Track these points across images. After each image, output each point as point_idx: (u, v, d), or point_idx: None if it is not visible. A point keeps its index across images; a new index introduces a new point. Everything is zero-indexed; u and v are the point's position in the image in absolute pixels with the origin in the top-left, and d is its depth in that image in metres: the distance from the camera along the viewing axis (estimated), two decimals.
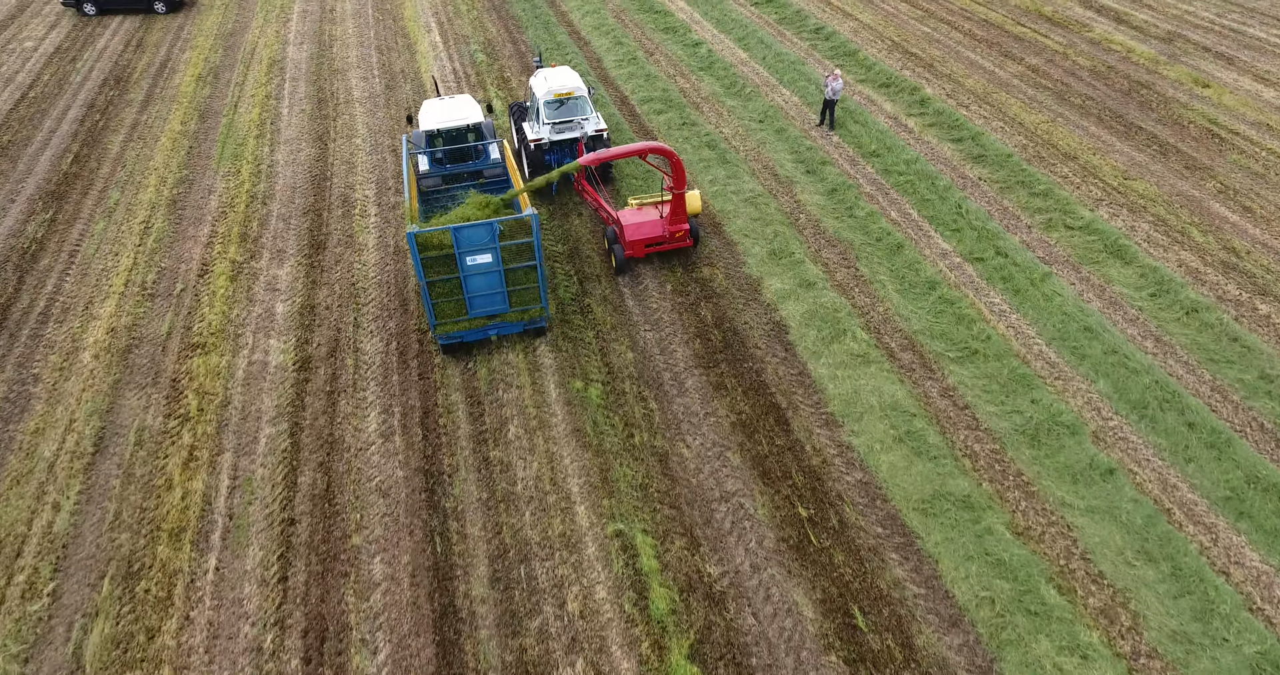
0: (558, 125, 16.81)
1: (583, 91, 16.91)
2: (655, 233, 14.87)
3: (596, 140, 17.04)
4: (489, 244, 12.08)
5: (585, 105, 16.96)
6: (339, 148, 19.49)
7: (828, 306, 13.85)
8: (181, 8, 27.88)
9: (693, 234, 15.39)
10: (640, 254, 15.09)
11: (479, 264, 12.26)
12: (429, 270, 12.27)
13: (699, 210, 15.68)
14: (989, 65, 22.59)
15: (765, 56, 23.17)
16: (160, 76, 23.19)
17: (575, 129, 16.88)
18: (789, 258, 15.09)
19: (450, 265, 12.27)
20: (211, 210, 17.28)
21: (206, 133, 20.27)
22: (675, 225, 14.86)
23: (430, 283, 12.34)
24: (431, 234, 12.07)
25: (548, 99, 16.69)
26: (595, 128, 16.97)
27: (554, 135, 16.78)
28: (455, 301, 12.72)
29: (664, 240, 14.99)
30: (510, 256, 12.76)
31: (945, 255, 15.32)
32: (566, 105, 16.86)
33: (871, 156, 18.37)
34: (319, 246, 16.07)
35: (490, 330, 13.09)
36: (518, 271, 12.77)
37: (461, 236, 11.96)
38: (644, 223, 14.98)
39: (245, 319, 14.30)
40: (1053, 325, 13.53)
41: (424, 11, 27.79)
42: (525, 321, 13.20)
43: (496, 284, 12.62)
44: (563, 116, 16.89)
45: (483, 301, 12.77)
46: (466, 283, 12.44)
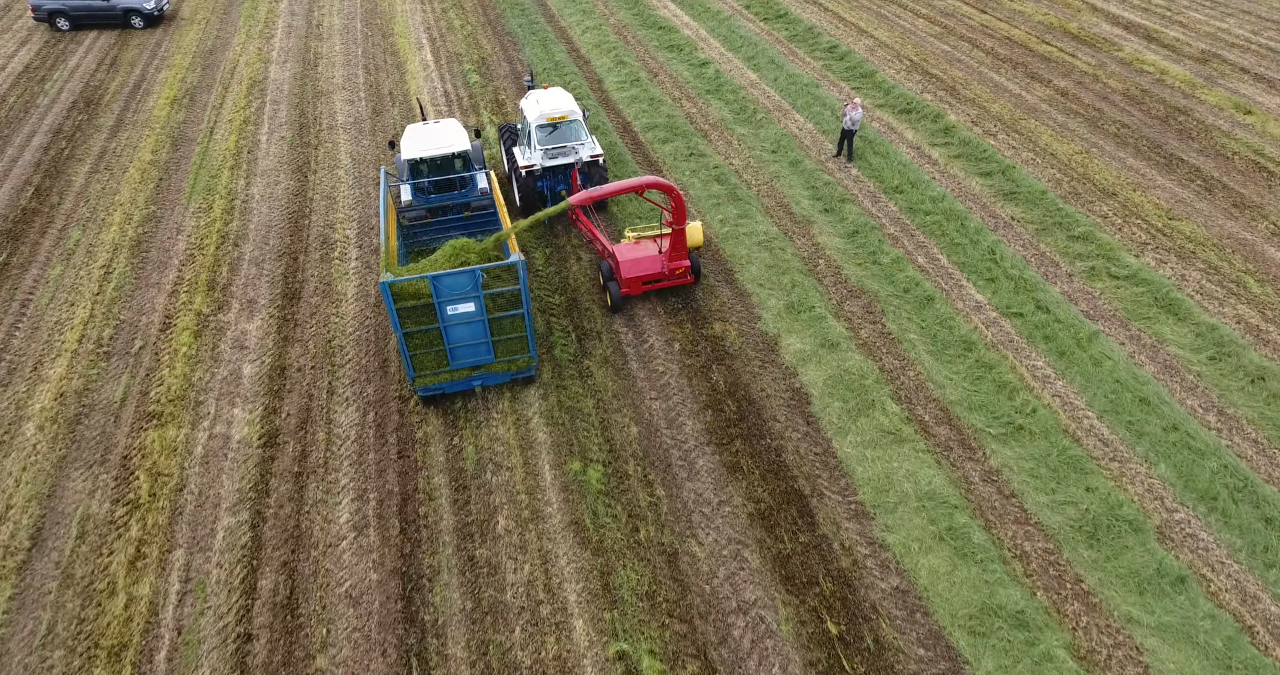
0: (550, 150, 15.76)
1: (577, 115, 15.89)
2: (653, 269, 13.84)
3: (592, 166, 15.96)
4: (471, 292, 11.04)
5: (579, 129, 15.95)
6: (320, 180, 18.13)
7: (853, 371, 12.49)
8: (160, 23, 26.52)
9: (694, 270, 14.36)
10: (637, 291, 14.04)
11: (461, 313, 11.23)
12: (406, 320, 11.21)
13: (700, 243, 14.66)
14: (1015, 88, 21.23)
15: (776, 78, 21.80)
16: (133, 99, 21.82)
17: (569, 154, 15.83)
18: (808, 312, 13.73)
19: (429, 315, 11.23)
20: (179, 252, 15.92)
21: (178, 163, 18.90)
22: (675, 262, 13.83)
23: (408, 333, 11.31)
24: (408, 283, 10.98)
25: (539, 123, 15.68)
26: (590, 153, 15.92)
27: (546, 161, 15.74)
28: (435, 353, 11.68)
29: (663, 277, 13.97)
30: (495, 305, 11.65)
31: (979, 309, 13.96)
32: (559, 129, 15.85)
33: (894, 193, 17.00)
34: (294, 296, 14.71)
35: (474, 381, 12.09)
36: (504, 320, 11.71)
37: (441, 285, 10.93)
38: (641, 258, 13.95)
39: (208, 383, 12.95)
40: (1104, 395, 12.17)
41: (415, 26, 26.41)
42: (513, 371, 12.19)
43: (480, 334, 11.59)
44: (555, 141, 15.88)
45: (466, 352, 11.76)
46: (447, 333, 11.43)
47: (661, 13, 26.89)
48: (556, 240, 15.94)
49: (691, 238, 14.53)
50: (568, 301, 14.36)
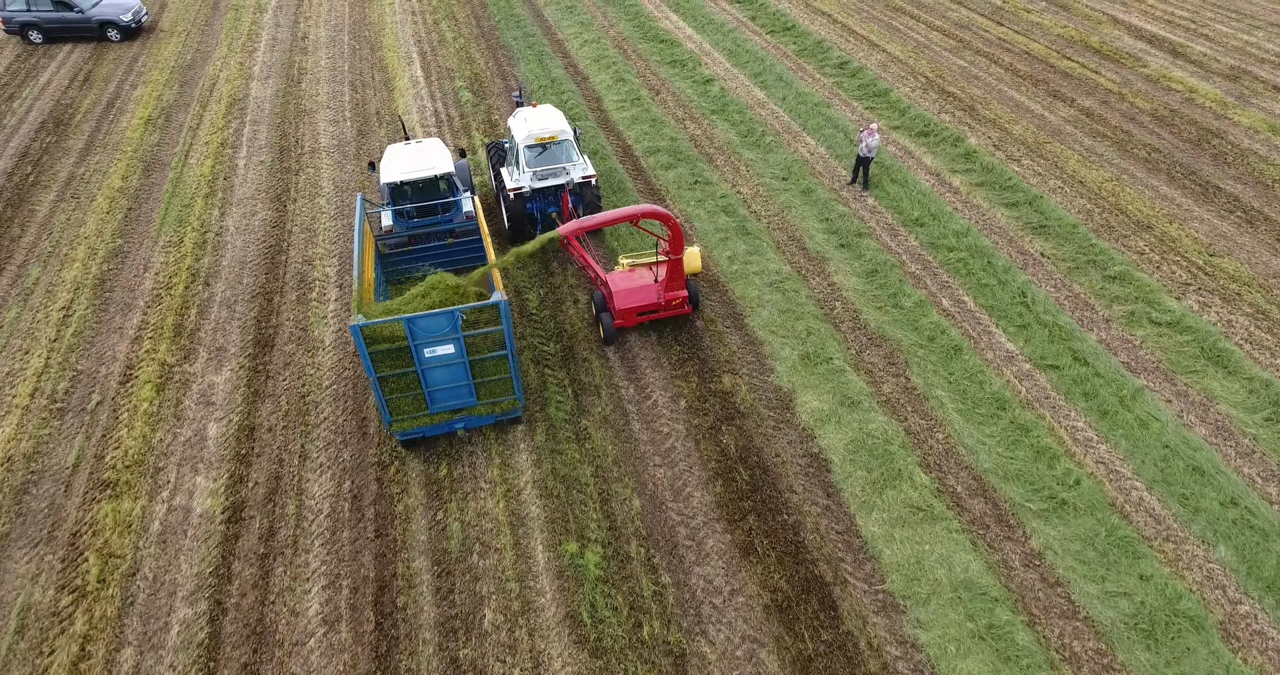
0: (540, 172, 14.90)
1: (567, 134, 15.02)
2: (649, 300, 13.05)
3: (584, 188, 15.08)
4: (451, 334, 10.29)
5: (570, 149, 15.10)
6: (300, 210, 16.99)
7: (876, 435, 11.38)
8: (138, 35, 25.34)
9: (692, 299, 13.57)
10: (631, 323, 13.26)
11: (440, 356, 10.48)
12: (381, 364, 10.41)
13: (699, 269, 13.85)
14: (1037, 108, 20.11)
15: (786, 97, 20.67)
16: (105, 118, 20.67)
17: (560, 176, 14.96)
18: (826, 364, 12.62)
19: (405, 358, 10.46)
20: (144, 293, 14.79)
21: (150, 190, 17.76)
22: (671, 292, 13.06)
23: (383, 378, 10.54)
24: (382, 325, 10.16)
25: (528, 143, 14.84)
26: (582, 174, 15.04)
27: (536, 183, 14.87)
28: (413, 396, 10.90)
29: (659, 308, 13.19)
30: (477, 346, 10.81)
31: (1012, 360, 12.86)
32: (549, 150, 14.98)
33: (915, 225, 15.88)
34: (266, 343, 13.58)
35: (456, 424, 11.36)
36: (487, 362, 10.91)
37: (417, 327, 10.15)
38: (636, 288, 13.12)
39: (170, 446, 11.82)
40: (1152, 463, 11.07)
41: (405, 39, 25.25)
42: (497, 414, 11.41)
43: (462, 376, 10.85)
44: (545, 163, 15.01)
45: (446, 395, 11.01)
46: (425, 376, 10.68)
47: (663, 24, 25.76)
48: (551, 279, 14.82)
49: (690, 265, 13.68)
50: (563, 350, 13.24)
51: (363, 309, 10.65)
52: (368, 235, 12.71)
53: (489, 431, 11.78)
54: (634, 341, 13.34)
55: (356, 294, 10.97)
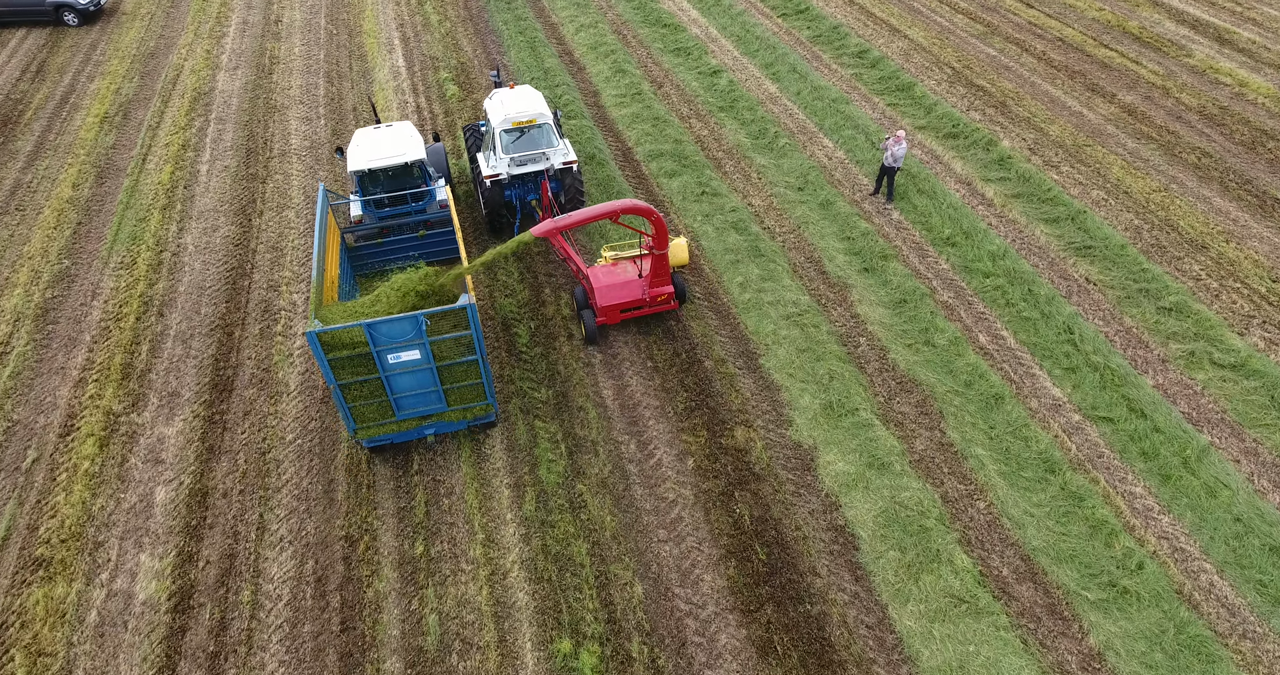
0: (518, 158, 14.05)
1: (546, 118, 14.06)
2: (632, 296, 12.46)
3: (565, 174, 14.25)
4: (415, 340, 9.75)
5: (550, 133, 14.21)
6: (266, 224, 15.43)
7: (910, 505, 10.05)
8: (97, 19, 23.37)
9: (679, 294, 13.04)
10: (615, 321, 12.63)
11: (405, 362, 9.92)
12: (342, 371, 9.82)
13: (686, 261, 13.23)
14: (1075, 104, 18.40)
15: (800, 91, 18.92)
16: (58, 116, 18.93)
17: (539, 162, 14.14)
18: (851, 416, 11.23)
19: (368, 364, 9.87)
20: (91, 325, 13.33)
21: (103, 201, 16.16)
22: (656, 289, 12.49)
23: (344, 385, 9.95)
24: (341, 332, 9.51)
25: (505, 127, 13.93)
26: (563, 160, 14.21)
27: (513, 169, 14.03)
28: (379, 403, 10.32)
29: (643, 305, 12.59)
30: (445, 351, 10.19)
31: (1059, 409, 11.48)
32: (528, 134, 14.10)
33: (945, 245, 14.36)
34: (224, 387, 12.18)
35: (426, 430, 10.84)
36: (455, 368, 10.37)
37: (378, 333, 9.57)
38: (619, 284, 12.55)
39: (112, 514, 10.49)
40: (1223, 540, 9.77)
41: (386, 22, 23.31)
42: (469, 420, 10.95)
43: (429, 382, 10.30)
44: (523, 148, 14.13)
45: (413, 401, 10.50)
46: (390, 382, 10.13)
47: (666, 6, 23.79)
48: (543, 309, 13.34)
49: (676, 257, 13.06)
50: (556, 397, 11.84)
51: (321, 313, 9.95)
52: (332, 230, 11.93)
53: (471, 500, 10.45)
54: (636, 386, 11.94)
55: (314, 296, 10.12)
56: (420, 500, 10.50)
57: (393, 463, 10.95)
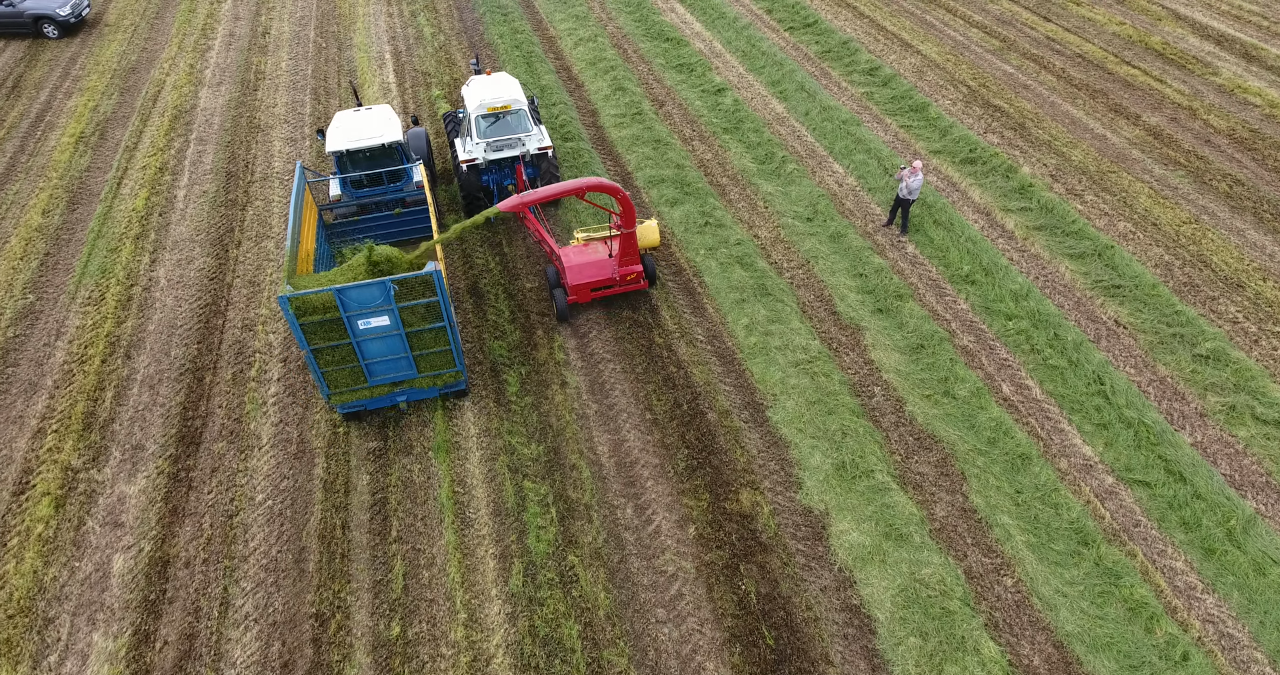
0: (494, 143, 14.50)
1: (521, 104, 14.55)
2: (603, 275, 12.82)
3: (540, 159, 14.73)
4: (384, 305, 10.09)
5: (525, 119, 14.65)
6: (244, 256, 14.60)
7: (931, 583, 9.21)
8: (78, 31, 22.54)
9: (648, 274, 13.30)
10: (585, 299, 12.95)
11: (375, 328, 10.28)
12: (314, 336, 10.13)
13: (656, 243, 13.62)
14: (1097, 126, 17.51)
15: (808, 112, 18.06)
16: (32, 135, 18.11)
17: (515, 147, 14.59)
18: (866, 478, 10.39)
19: (340, 330, 10.20)
20: (54, 367, 12.52)
21: (73, 229, 15.34)
22: (626, 267, 12.81)
23: (316, 350, 10.28)
24: (312, 296, 9.79)
25: (480, 113, 14.39)
26: (538, 145, 14.67)
27: (490, 154, 14.48)
28: (351, 369, 10.68)
29: (614, 284, 12.90)
30: (414, 318, 10.45)
31: (1091, 470, 10.62)
32: (503, 120, 14.54)
33: (964, 283, 13.50)
34: (192, 440, 11.35)
35: (398, 397, 11.30)
36: (424, 334, 10.67)
37: (348, 298, 9.90)
38: (589, 263, 12.89)
39: (65, 586, 9.67)
40: (1273, 625, 8.90)
41: (378, 35, 22.47)
42: (440, 386, 11.35)
43: (399, 348, 10.66)
44: (499, 133, 14.56)
45: (384, 367, 10.85)
46: (361, 348, 10.47)
47: (668, 18, 22.93)
48: (535, 353, 12.49)
49: (647, 238, 13.47)
50: (548, 454, 10.99)
51: (293, 281, 10.24)
52: (310, 206, 12.41)
53: (454, 573, 9.62)
54: (633, 441, 11.10)
55: (288, 264, 10.56)
56: (399, 572, 9.68)
57: (369, 529, 10.13)
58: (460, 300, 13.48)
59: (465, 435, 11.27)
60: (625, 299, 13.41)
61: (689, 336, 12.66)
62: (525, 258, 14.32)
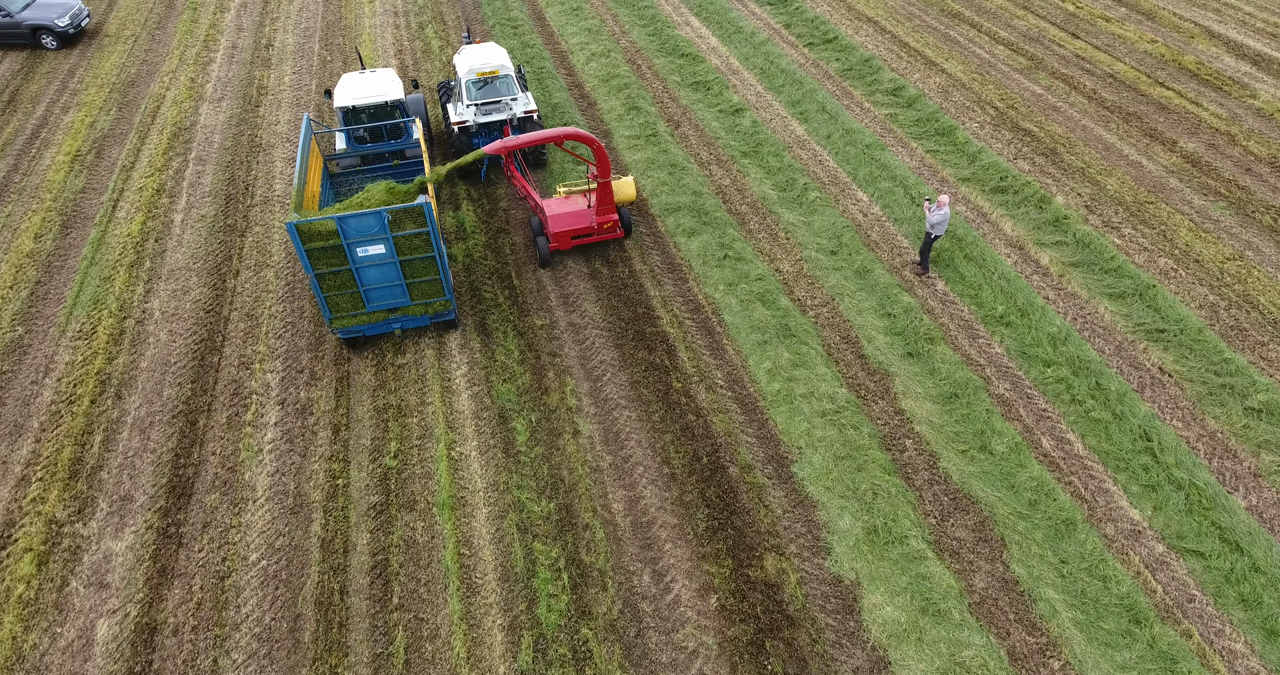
0: (483, 106, 15.68)
1: (509, 70, 15.75)
2: (582, 224, 13.91)
3: (526, 122, 15.86)
4: (380, 234, 11.17)
5: (512, 84, 15.78)
6: (243, 287, 14.00)
7: (972, 667, 8.53)
8: (78, 42, 21.95)
9: (624, 224, 14.41)
10: (566, 247, 14.06)
11: (372, 255, 11.37)
12: (318, 262, 11.22)
13: (632, 198, 14.66)
14: (1132, 152, 16.79)
15: (830, 134, 17.36)
16: (26, 153, 17.53)
17: (503, 110, 15.72)
18: (899, 544, 9.72)
19: (341, 257, 11.29)
20: (41, 408, 11.92)
21: (65, 255, 14.76)
22: (603, 216, 13.90)
23: (320, 275, 11.36)
24: (315, 223, 10.81)
25: (470, 78, 15.53)
26: (525, 109, 15.79)
27: (479, 117, 15.61)
28: (351, 295, 11.79)
29: (592, 232, 14.02)
30: (406, 247, 11.51)
31: (1139, 537, 9.93)
32: (491, 85, 15.68)
33: (998, 324, 12.81)
34: (183, 491, 10.75)
35: (393, 324, 12.37)
36: (417, 263, 11.74)
37: (348, 226, 10.98)
38: (570, 213, 13.97)
39: (45, 656, 9.07)
40: None
41: (384, 49, 21.84)
42: (430, 315, 12.41)
43: (394, 276, 11.76)
44: (488, 97, 15.70)
45: (380, 294, 11.96)
46: (360, 275, 11.59)
47: (683, 32, 22.24)
48: (546, 398, 11.82)
49: (623, 192, 14.46)
50: (559, 512, 10.34)
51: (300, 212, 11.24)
52: (315, 154, 13.40)
53: (459, 647, 8.98)
54: (650, 498, 10.44)
55: (295, 197, 11.65)
56: (400, 645, 9.06)
57: (369, 595, 9.51)
58: (467, 337, 12.86)
59: (471, 489, 10.64)
60: (641, 338, 12.76)
61: (708, 381, 12.01)
62: (535, 292, 13.69)
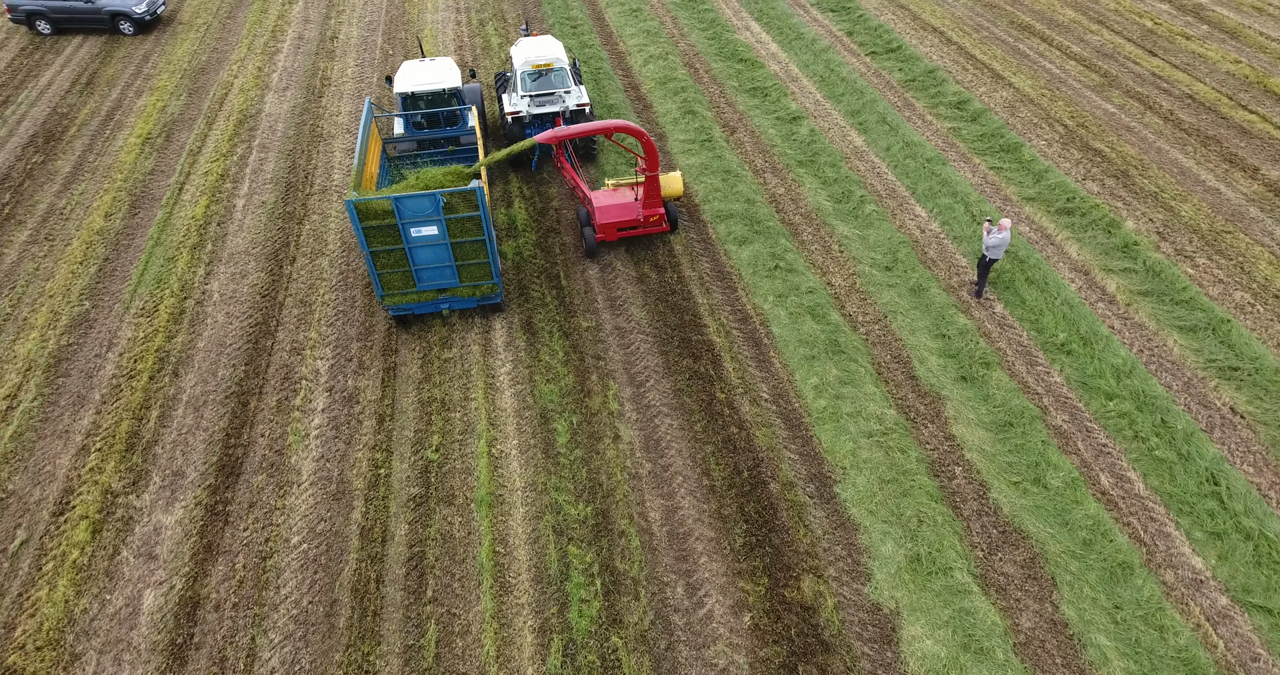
0: (537, 98, 16.03)
1: (563, 63, 16.10)
2: (628, 216, 14.05)
3: (578, 115, 16.13)
4: (433, 216, 11.54)
5: (565, 77, 16.16)
6: (298, 273, 14.29)
7: None
8: (154, 28, 22.73)
9: (670, 219, 14.57)
10: (612, 238, 14.26)
11: (425, 236, 11.76)
12: (374, 240, 11.65)
13: (679, 193, 14.74)
14: (1210, 178, 16.05)
15: (890, 146, 16.99)
16: (101, 134, 18.19)
17: (555, 102, 16.01)
18: (943, 575, 9.43)
19: (395, 236, 11.70)
20: (103, 381, 12.34)
21: (133, 234, 15.26)
22: (650, 209, 13.98)
23: (375, 253, 11.79)
24: (373, 202, 11.28)
25: (526, 70, 15.97)
26: (577, 102, 16.08)
27: (533, 108, 15.91)
28: (403, 273, 12.21)
29: (637, 225, 14.14)
30: (458, 230, 11.88)
31: (1201, 587, 9.45)
32: (546, 77, 16.08)
33: (1059, 352, 12.35)
34: (232, 469, 11.00)
35: (442, 304, 12.71)
36: (467, 245, 12.11)
37: (404, 206, 11.38)
38: (617, 205, 14.18)
39: (95, 619, 9.37)
40: None
41: (445, 44, 22.11)
42: (478, 297, 12.73)
43: (445, 257, 12.13)
44: (542, 89, 16.09)
45: (431, 274, 12.36)
46: (413, 254, 11.97)
47: (743, 37, 22.03)
48: (588, 402, 11.77)
49: (670, 187, 14.56)
50: (596, 517, 10.27)
51: (358, 189, 11.82)
52: (375, 137, 13.91)
53: (489, 645, 8.98)
54: (688, 509, 10.33)
55: (355, 176, 12.15)
56: (431, 637, 9.11)
57: (404, 586, 9.59)
58: (513, 335, 12.91)
59: (510, 487, 10.66)
60: (687, 345, 12.64)
61: (753, 393, 11.83)
62: (583, 294, 13.67)
